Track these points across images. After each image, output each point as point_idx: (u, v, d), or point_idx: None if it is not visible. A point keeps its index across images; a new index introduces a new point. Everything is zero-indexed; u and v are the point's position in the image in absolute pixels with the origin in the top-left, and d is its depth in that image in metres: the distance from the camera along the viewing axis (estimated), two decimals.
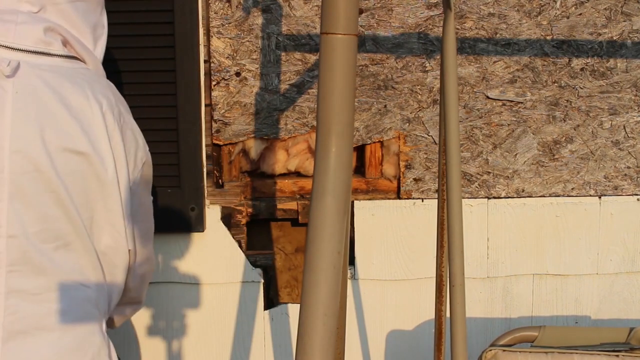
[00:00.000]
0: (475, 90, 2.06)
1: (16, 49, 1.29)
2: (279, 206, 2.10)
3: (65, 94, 1.28)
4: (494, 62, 2.06)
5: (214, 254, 2.07)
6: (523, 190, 2.11)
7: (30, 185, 1.24)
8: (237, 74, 2.02)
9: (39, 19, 1.32)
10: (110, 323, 1.47)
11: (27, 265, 1.25)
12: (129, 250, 1.38)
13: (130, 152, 1.36)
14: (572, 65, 2.07)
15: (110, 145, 1.31)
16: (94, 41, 1.41)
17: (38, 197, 1.25)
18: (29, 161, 1.24)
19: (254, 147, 2.08)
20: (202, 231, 2.05)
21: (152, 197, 1.48)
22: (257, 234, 2.19)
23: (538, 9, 2.03)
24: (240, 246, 2.09)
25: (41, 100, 1.26)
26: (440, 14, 2.01)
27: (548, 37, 2.05)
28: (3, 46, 1.29)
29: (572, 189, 2.12)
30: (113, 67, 1.94)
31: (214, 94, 2.02)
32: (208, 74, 2.02)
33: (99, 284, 1.34)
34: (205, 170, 2.04)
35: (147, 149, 1.43)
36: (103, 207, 1.31)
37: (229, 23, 1.99)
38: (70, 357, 1.29)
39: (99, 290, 1.34)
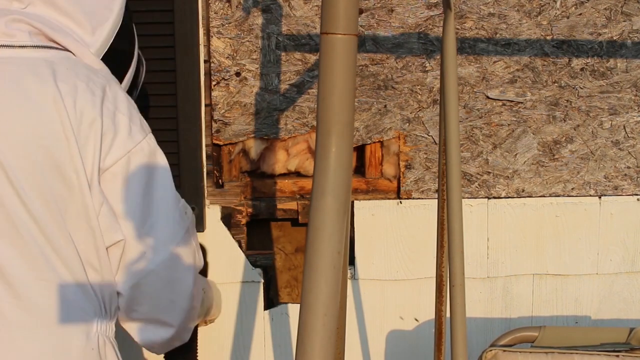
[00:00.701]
0: (475, 90, 2.06)
1: None
2: (279, 206, 2.10)
3: (24, 85, 1.26)
4: (494, 62, 2.06)
5: (214, 254, 2.07)
6: (523, 190, 2.11)
7: None
8: (237, 74, 2.02)
9: (6, 13, 1.31)
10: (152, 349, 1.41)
11: None
12: (113, 246, 1.30)
13: (106, 139, 1.29)
14: (572, 65, 2.07)
15: (73, 133, 1.25)
16: (92, 27, 1.37)
17: None
18: None
19: (254, 147, 2.08)
20: (202, 231, 2.04)
21: (166, 190, 1.36)
22: (257, 234, 2.19)
23: (538, 9, 2.03)
24: (240, 246, 2.09)
25: None
26: (440, 14, 2.01)
27: (548, 37, 2.05)
28: None
29: (572, 189, 2.12)
30: None
31: (214, 94, 2.02)
32: (208, 74, 2.01)
33: (80, 283, 1.28)
34: (205, 170, 2.04)
35: (140, 137, 1.33)
36: (72, 202, 1.27)
37: (229, 23, 1.99)
38: (40, 358, 1.26)
39: (81, 291, 1.29)
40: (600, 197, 2.14)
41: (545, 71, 2.07)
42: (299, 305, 1.16)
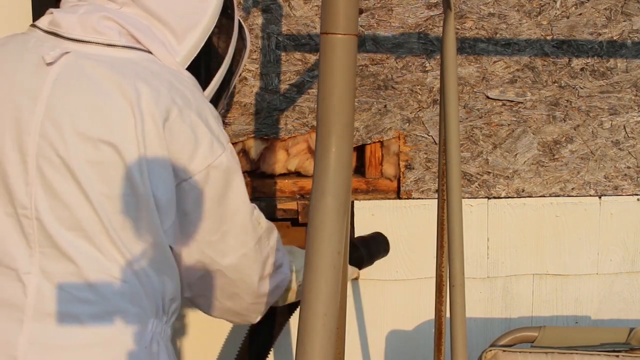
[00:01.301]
0: (475, 90, 2.06)
1: (66, 38, 1.30)
2: (279, 206, 2.10)
3: (104, 83, 1.26)
4: (494, 62, 2.06)
5: None
6: (523, 190, 2.11)
7: (53, 171, 1.24)
8: None
9: (100, 9, 1.32)
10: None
11: (53, 249, 1.25)
12: (173, 250, 1.33)
13: (185, 150, 1.28)
14: (572, 65, 2.07)
15: (143, 137, 1.25)
16: (182, 31, 1.35)
17: (59, 183, 1.25)
18: (50, 147, 1.24)
19: (254, 147, 2.08)
20: None
21: (241, 202, 1.38)
22: None
23: (538, 9, 2.03)
24: None
25: (75, 89, 1.26)
26: (440, 14, 2.01)
27: (548, 37, 2.05)
28: (55, 34, 1.30)
29: (572, 189, 2.12)
30: None
31: None
32: None
33: (140, 281, 1.30)
34: None
35: (220, 150, 1.32)
36: (136, 202, 1.27)
37: None
38: (90, 350, 1.27)
39: (142, 290, 1.30)
40: (600, 197, 2.14)
41: (545, 71, 2.07)
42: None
